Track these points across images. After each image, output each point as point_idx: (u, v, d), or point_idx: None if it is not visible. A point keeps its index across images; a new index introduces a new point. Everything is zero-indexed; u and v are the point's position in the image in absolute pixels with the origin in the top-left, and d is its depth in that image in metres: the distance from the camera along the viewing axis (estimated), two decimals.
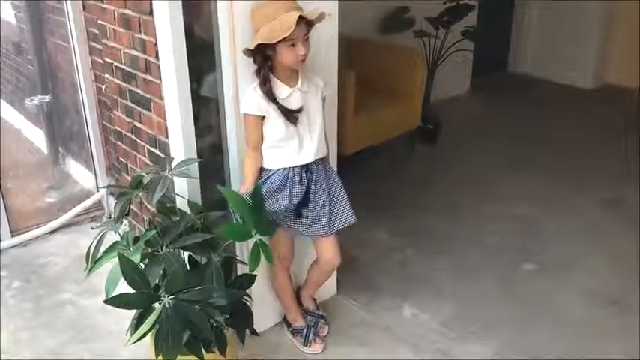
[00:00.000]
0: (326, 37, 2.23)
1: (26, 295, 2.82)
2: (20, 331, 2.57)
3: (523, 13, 6.03)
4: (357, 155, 3.62)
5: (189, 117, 2.08)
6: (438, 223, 3.41)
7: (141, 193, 2.01)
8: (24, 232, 3.28)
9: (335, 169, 2.33)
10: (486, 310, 2.70)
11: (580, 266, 3.02)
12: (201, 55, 2.06)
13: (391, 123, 3.97)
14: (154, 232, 1.91)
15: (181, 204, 2.13)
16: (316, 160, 2.14)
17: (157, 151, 2.36)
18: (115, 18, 2.32)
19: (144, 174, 2.02)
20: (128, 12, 2.21)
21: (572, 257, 3.09)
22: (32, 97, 3.57)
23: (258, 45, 1.92)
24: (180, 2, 1.92)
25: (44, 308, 2.72)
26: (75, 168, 3.75)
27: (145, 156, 2.49)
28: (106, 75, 2.61)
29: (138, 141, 2.50)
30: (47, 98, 3.58)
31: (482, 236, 3.29)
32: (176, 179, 2.08)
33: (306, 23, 1.93)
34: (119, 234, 1.99)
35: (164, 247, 1.89)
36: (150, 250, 1.89)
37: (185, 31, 1.98)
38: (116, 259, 1.76)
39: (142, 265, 1.85)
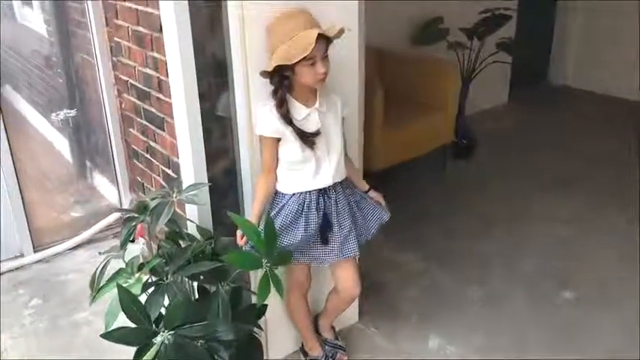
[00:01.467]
0: (347, 53, 2.11)
1: (43, 314, 2.78)
2: (31, 352, 2.52)
3: (564, 23, 5.79)
4: (386, 172, 3.48)
5: (199, 137, 1.99)
6: (470, 245, 3.24)
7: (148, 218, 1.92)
8: (47, 248, 3.26)
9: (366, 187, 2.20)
10: (520, 342, 2.52)
11: (622, 295, 2.81)
12: (213, 74, 1.96)
13: (423, 138, 3.83)
14: (159, 259, 1.81)
15: (192, 228, 2.04)
16: (335, 183, 2.02)
17: (170, 172, 2.28)
18: (128, 35, 2.26)
19: (156, 196, 1.93)
20: (141, 29, 2.14)
21: (613, 285, 2.88)
22: (58, 112, 3.55)
23: (276, 66, 1.82)
24: (188, 21, 1.84)
25: (59, 328, 2.67)
26: (101, 182, 3.73)
27: (159, 175, 2.41)
28: (123, 92, 2.56)
29: (153, 160, 2.44)
30: (72, 113, 3.56)
31: (517, 259, 3.10)
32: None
33: (325, 40, 1.81)
34: (124, 261, 1.90)
35: (169, 276, 1.79)
36: (155, 278, 1.80)
37: (195, 49, 1.89)
38: None
39: (148, 293, 1.76)
